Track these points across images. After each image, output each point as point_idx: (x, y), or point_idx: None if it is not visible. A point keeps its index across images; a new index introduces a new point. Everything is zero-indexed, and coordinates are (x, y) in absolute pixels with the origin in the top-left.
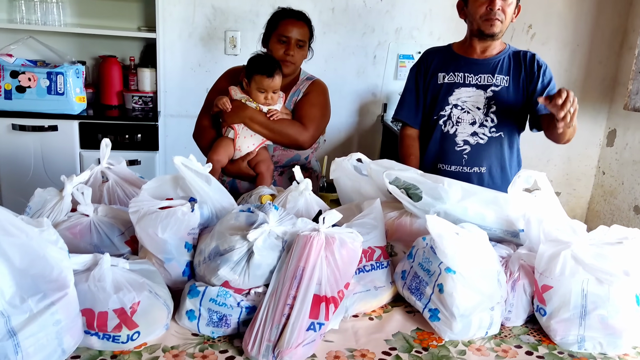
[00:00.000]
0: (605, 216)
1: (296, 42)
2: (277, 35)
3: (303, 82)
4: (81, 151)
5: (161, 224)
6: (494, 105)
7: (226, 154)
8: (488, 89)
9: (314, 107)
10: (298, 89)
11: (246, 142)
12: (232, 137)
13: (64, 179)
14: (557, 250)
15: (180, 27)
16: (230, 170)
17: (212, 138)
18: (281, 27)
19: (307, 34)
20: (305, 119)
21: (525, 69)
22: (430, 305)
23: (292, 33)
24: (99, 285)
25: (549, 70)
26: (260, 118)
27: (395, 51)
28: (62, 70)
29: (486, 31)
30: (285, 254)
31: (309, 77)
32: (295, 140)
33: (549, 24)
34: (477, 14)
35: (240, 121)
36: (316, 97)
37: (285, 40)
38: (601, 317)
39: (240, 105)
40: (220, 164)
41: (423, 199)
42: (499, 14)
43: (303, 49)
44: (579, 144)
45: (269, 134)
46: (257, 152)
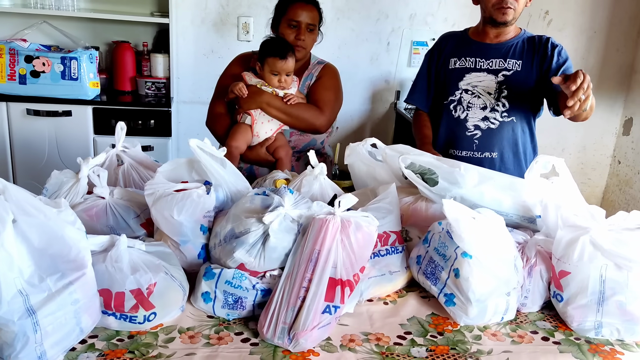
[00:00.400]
0: (621, 206)
1: (307, 26)
2: (287, 20)
3: (315, 67)
4: (95, 136)
5: (177, 206)
6: (505, 90)
7: (244, 141)
8: (499, 73)
9: (328, 91)
10: (310, 73)
11: (264, 127)
12: (249, 123)
13: (80, 161)
14: (575, 235)
15: (193, 12)
16: (249, 156)
17: (228, 125)
18: (291, 12)
19: (317, 18)
20: (320, 102)
21: (538, 52)
22: (446, 290)
23: (302, 17)
24: (116, 266)
25: (564, 51)
26: (278, 103)
27: (409, 38)
28: (76, 55)
29: (498, 19)
30: (300, 237)
31: (320, 61)
32: (313, 124)
33: (565, 10)
34: (489, 2)
35: (257, 106)
36: (329, 80)
37: (295, 25)
38: (619, 303)
39: (256, 91)
40: (238, 150)
41: (439, 184)
42: (511, 2)
43: (313, 33)
44: (595, 132)
45: (287, 119)
46: (275, 138)
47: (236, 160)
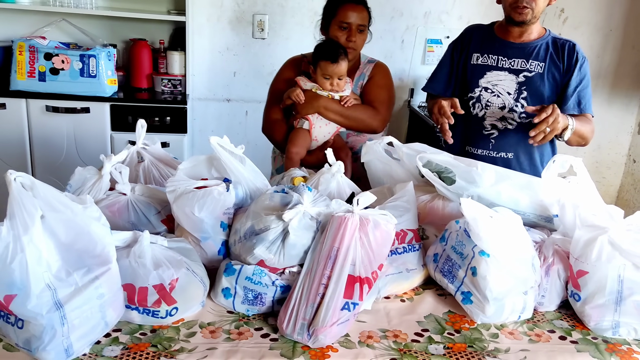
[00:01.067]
0: (635, 205)
1: (357, 27)
2: (338, 22)
3: (366, 66)
4: (112, 133)
5: (197, 203)
6: (525, 91)
7: (304, 146)
8: (520, 74)
9: (382, 90)
10: (362, 73)
11: (322, 131)
12: (307, 128)
13: (102, 158)
14: (593, 235)
15: (209, 10)
16: (309, 161)
17: (286, 131)
18: (341, 14)
19: (367, 18)
20: (375, 102)
21: (563, 60)
22: (463, 288)
23: (352, 18)
24: (140, 261)
25: (586, 65)
26: (335, 106)
27: (424, 35)
28: (94, 53)
29: (516, 19)
30: (319, 234)
31: (370, 59)
32: (370, 124)
33: (581, 8)
34: (507, 2)
35: (315, 111)
36: (382, 79)
37: (346, 27)
38: (637, 303)
39: (313, 95)
40: (299, 155)
41: (456, 183)
42: (527, 2)
43: (364, 34)
44: (610, 131)
45: (344, 121)
46: (333, 140)
47: (297, 165)
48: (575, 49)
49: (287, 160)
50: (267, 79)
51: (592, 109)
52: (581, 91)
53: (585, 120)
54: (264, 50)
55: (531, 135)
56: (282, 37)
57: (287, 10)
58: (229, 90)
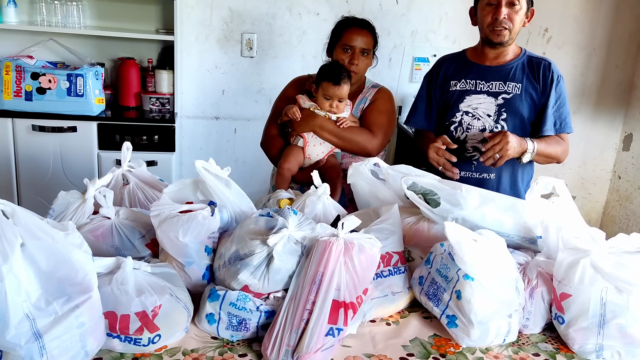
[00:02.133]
0: (621, 221)
1: (360, 50)
2: (342, 45)
3: (369, 90)
4: (99, 152)
5: (182, 227)
6: (504, 113)
7: (296, 162)
8: (499, 96)
9: (381, 115)
10: (365, 97)
11: (316, 150)
12: (301, 145)
13: (86, 182)
14: (576, 258)
15: (198, 29)
16: (300, 178)
17: (281, 147)
18: (345, 37)
19: (372, 42)
20: (373, 126)
21: (539, 80)
22: (448, 312)
23: (356, 42)
24: (122, 288)
25: (562, 84)
26: (330, 126)
27: (411, 54)
28: (81, 72)
29: (494, 40)
30: (304, 259)
31: (375, 84)
32: (364, 147)
33: (565, 28)
34: (485, 23)
35: (310, 129)
36: (383, 104)
37: (349, 49)
38: (620, 326)
39: (309, 114)
40: (290, 172)
41: (441, 205)
42: (506, 23)
43: (367, 57)
44: (595, 148)
45: (339, 142)
46: (326, 160)
47: (287, 182)
48: (550, 67)
49: (278, 176)
50: (256, 97)
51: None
52: (557, 111)
53: (555, 141)
54: (253, 69)
55: (481, 159)
56: (270, 55)
57: (275, 29)
58: (218, 108)
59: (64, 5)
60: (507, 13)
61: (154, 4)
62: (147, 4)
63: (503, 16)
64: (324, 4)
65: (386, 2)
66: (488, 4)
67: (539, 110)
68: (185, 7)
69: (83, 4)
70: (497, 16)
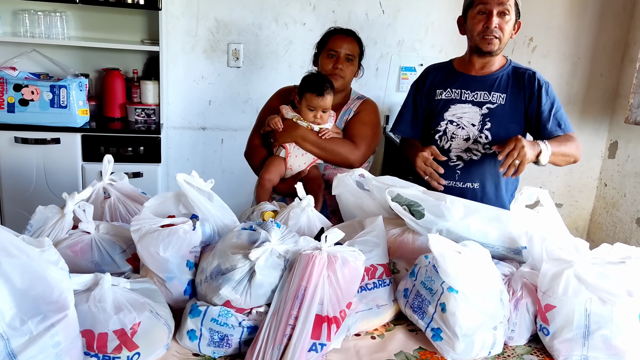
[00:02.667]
0: (608, 228)
1: (345, 55)
2: (327, 51)
3: (354, 102)
4: (83, 164)
5: (163, 242)
6: (488, 122)
7: (278, 173)
8: (484, 105)
9: (365, 126)
10: (349, 108)
11: (298, 160)
12: (283, 156)
13: (65, 197)
14: (560, 269)
15: (184, 39)
16: (282, 189)
17: (264, 157)
18: (330, 43)
19: (357, 50)
20: (356, 137)
21: (524, 89)
22: (433, 325)
23: (340, 47)
24: (100, 305)
25: (551, 90)
26: (312, 137)
27: (398, 63)
28: (65, 83)
29: (484, 49)
30: (287, 272)
31: (360, 96)
32: (347, 158)
33: (550, 37)
34: (475, 31)
35: (292, 140)
36: (367, 115)
37: (334, 54)
38: (604, 337)
39: (292, 125)
40: (272, 182)
41: (425, 217)
42: (496, 32)
43: (352, 64)
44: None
45: (321, 153)
46: (308, 171)
47: (268, 192)
48: (535, 76)
49: (258, 187)
50: (243, 107)
51: None
52: (556, 113)
53: (566, 139)
54: (239, 79)
55: (500, 171)
56: (257, 65)
57: (262, 39)
58: (204, 119)
59: (48, 16)
60: (498, 22)
61: (139, 15)
62: (132, 14)
63: (494, 25)
64: (310, 14)
65: (372, 12)
66: (479, 13)
67: (536, 118)
68: (171, 17)
69: (67, 14)
70: (489, 25)
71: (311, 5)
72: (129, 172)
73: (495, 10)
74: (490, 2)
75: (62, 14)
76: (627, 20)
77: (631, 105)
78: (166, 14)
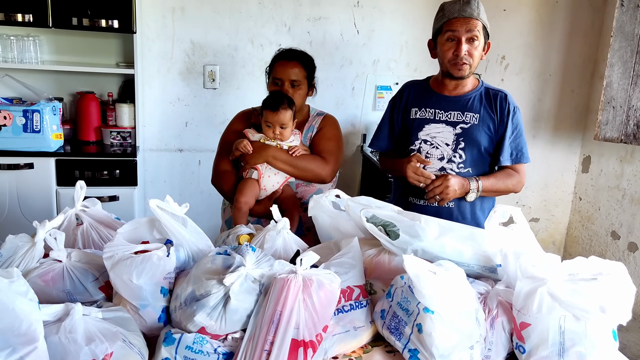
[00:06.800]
0: (584, 241)
1: (290, 82)
2: (272, 79)
3: (315, 118)
4: (58, 188)
5: (136, 269)
6: (462, 142)
7: (253, 195)
8: (457, 125)
9: (330, 141)
10: (311, 125)
11: (271, 180)
12: (256, 177)
13: (36, 225)
14: (533, 287)
15: (159, 62)
16: (257, 210)
17: (234, 182)
18: (274, 70)
19: (302, 73)
20: (324, 153)
21: (496, 111)
22: (410, 346)
23: (284, 75)
24: (70, 337)
25: (518, 115)
26: (283, 156)
27: (373, 82)
28: (38, 107)
29: (455, 74)
30: (262, 297)
31: (319, 112)
32: (318, 174)
33: (521, 55)
34: (445, 58)
35: (264, 160)
36: (331, 130)
37: (278, 82)
38: (579, 354)
39: (261, 145)
40: (248, 205)
41: (401, 237)
42: (466, 58)
43: (300, 88)
44: (555, 170)
45: (293, 171)
46: (282, 190)
47: (246, 215)
48: (507, 99)
49: (235, 211)
50: (220, 128)
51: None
52: (513, 142)
53: (506, 175)
54: (216, 100)
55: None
56: (233, 86)
57: (238, 61)
58: (181, 140)
59: (20, 40)
60: (467, 49)
61: (114, 38)
62: (107, 37)
63: (464, 52)
64: (285, 35)
65: (347, 32)
66: (448, 40)
67: (497, 141)
68: (146, 40)
69: (40, 39)
70: (458, 53)
71: (286, 27)
72: (104, 196)
73: (464, 37)
74: (458, 29)
75: (35, 38)
76: (595, 38)
77: (599, 122)
78: (141, 37)
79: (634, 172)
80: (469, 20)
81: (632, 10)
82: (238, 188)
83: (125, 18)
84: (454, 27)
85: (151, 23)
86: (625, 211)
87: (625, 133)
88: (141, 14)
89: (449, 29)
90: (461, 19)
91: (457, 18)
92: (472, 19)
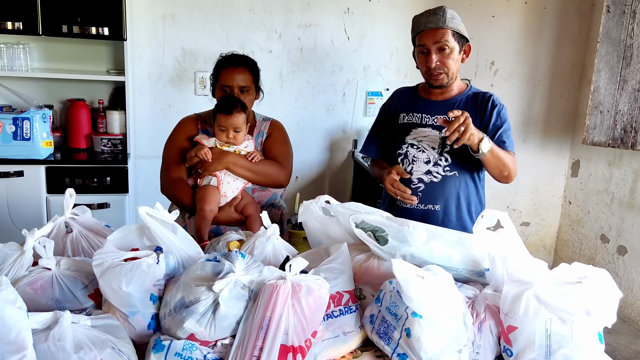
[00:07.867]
0: (574, 245)
1: (239, 88)
2: (220, 86)
3: (262, 123)
4: (48, 196)
5: (125, 277)
6: (448, 145)
7: (216, 202)
8: (443, 129)
9: (283, 146)
10: (260, 130)
11: (230, 187)
12: (215, 184)
13: (25, 233)
14: (520, 290)
15: (150, 69)
16: (219, 218)
17: (191, 191)
18: (221, 77)
19: (249, 78)
20: (279, 157)
21: (479, 109)
22: (399, 350)
23: (232, 81)
24: (59, 345)
25: (504, 112)
26: (243, 162)
27: (364, 88)
28: (28, 115)
29: (434, 84)
30: (252, 303)
31: (265, 117)
32: (277, 179)
33: (510, 61)
34: (422, 70)
35: (224, 167)
36: (281, 135)
37: (227, 90)
38: (565, 356)
39: (220, 152)
40: (212, 213)
41: (389, 242)
42: (439, 68)
43: (249, 94)
44: (545, 174)
45: (253, 176)
46: (242, 196)
47: (209, 223)
48: (491, 98)
49: (200, 219)
50: None
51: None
52: (503, 133)
53: (506, 152)
54: (207, 107)
55: (446, 134)
56: None
57: None
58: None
59: (10, 48)
60: (438, 59)
61: (104, 45)
62: (97, 45)
63: (435, 63)
64: (276, 42)
65: (338, 39)
66: (420, 53)
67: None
68: (137, 47)
69: (30, 46)
70: (429, 64)
71: (277, 33)
72: (95, 204)
73: (433, 48)
74: (426, 42)
75: (25, 46)
76: (583, 44)
77: (587, 126)
78: (132, 44)
79: (622, 176)
80: (436, 30)
81: (618, 17)
82: (200, 196)
83: (116, 25)
84: (422, 41)
85: (142, 30)
86: (614, 214)
87: (612, 137)
88: (131, 21)
89: (419, 43)
90: (428, 30)
91: (424, 31)
92: (439, 29)
